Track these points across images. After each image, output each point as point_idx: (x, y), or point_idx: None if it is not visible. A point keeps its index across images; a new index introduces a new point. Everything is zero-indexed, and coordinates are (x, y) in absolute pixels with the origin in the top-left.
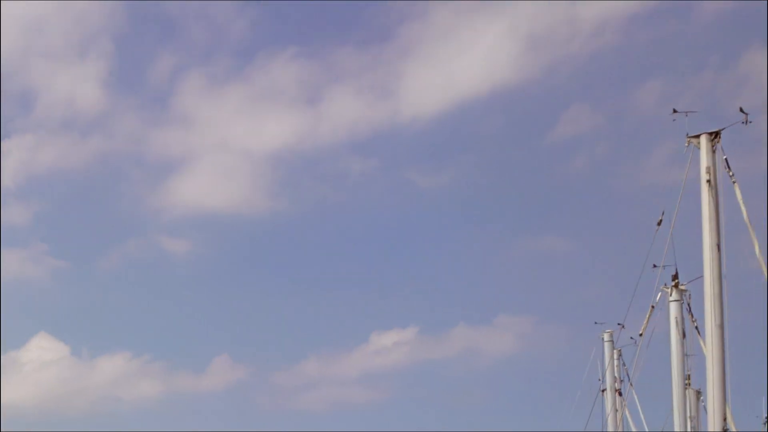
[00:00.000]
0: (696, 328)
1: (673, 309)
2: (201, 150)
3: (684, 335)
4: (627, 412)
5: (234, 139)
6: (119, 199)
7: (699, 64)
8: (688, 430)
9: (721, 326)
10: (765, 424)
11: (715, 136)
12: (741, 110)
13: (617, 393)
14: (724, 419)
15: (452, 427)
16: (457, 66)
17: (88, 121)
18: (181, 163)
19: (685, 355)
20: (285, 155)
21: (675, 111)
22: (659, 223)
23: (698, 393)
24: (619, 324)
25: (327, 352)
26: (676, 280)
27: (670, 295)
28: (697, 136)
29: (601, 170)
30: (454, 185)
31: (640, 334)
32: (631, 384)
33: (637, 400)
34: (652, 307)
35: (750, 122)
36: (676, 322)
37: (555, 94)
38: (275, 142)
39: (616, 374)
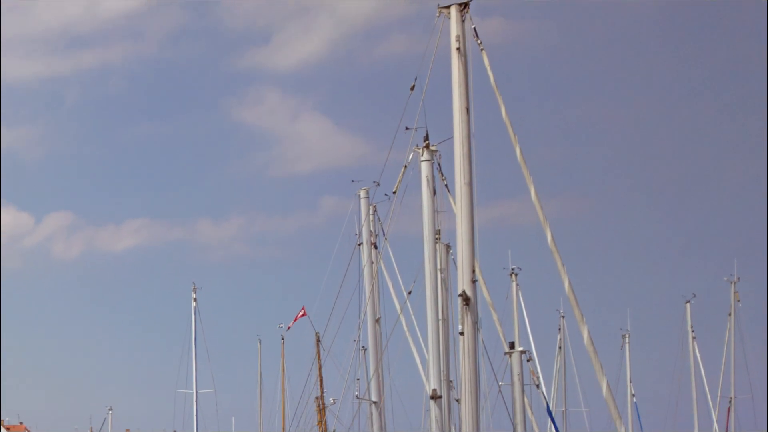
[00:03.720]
0: (446, 186)
1: (425, 168)
2: None
3: (435, 193)
4: (382, 264)
5: None
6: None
7: None
8: (439, 280)
9: (470, 184)
10: (510, 275)
11: (464, 7)
12: None
13: (373, 246)
14: (473, 271)
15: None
16: None
17: None
18: None
19: (435, 211)
20: None
21: None
22: (412, 88)
23: (448, 247)
24: (374, 182)
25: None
26: (427, 141)
27: (422, 155)
28: (448, 7)
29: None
30: None
31: (394, 192)
32: (385, 238)
33: (391, 253)
34: (405, 166)
35: None
36: (427, 180)
37: None
38: None
39: (372, 229)
